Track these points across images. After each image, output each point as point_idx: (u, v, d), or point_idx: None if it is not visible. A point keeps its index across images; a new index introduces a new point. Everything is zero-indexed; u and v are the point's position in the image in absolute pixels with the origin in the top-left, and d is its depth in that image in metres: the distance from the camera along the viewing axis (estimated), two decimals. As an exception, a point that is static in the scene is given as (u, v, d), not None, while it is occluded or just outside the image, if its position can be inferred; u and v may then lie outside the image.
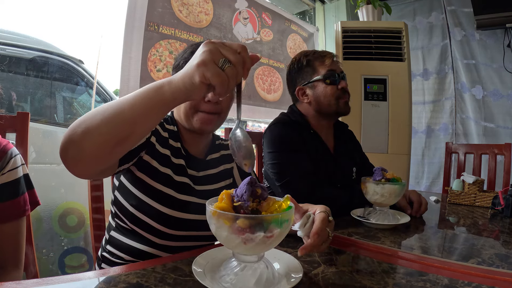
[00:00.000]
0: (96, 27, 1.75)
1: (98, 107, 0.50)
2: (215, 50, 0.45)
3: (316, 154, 1.09)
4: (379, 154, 1.97)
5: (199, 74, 0.44)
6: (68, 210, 1.52)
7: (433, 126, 2.81)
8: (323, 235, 0.54)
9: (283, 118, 1.15)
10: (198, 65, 0.44)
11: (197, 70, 0.44)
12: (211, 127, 0.76)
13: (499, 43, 2.51)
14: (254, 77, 2.21)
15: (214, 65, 0.44)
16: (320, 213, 0.57)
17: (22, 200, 0.70)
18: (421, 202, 0.96)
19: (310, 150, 1.08)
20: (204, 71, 0.44)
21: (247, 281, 0.44)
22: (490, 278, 0.52)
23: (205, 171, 0.81)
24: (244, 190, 0.43)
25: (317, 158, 1.08)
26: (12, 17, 1.54)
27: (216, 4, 1.94)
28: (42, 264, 1.43)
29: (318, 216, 0.57)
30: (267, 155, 1.08)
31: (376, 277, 0.52)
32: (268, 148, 1.07)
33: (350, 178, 1.17)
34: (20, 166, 0.71)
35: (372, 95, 2.03)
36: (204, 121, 0.74)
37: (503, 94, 2.53)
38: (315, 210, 0.59)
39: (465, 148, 1.89)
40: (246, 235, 0.41)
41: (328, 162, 1.11)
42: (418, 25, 2.86)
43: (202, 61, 0.44)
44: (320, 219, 0.55)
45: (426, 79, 2.84)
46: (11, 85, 1.48)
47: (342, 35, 2.09)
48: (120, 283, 0.45)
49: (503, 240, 0.80)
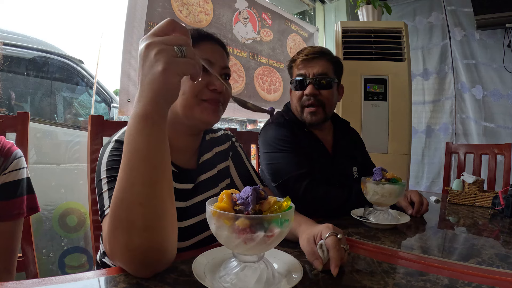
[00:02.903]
0: (96, 27, 1.75)
1: (112, 212, 0.45)
2: (164, 46, 0.43)
3: (312, 154, 1.08)
4: (379, 154, 1.97)
5: (172, 77, 0.43)
6: (68, 210, 1.52)
7: (433, 126, 2.81)
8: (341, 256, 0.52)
9: (278, 118, 1.14)
10: (164, 70, 0.42)
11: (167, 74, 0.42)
12: (217, 117, 0.70)
13: (499, 43, 2.50)
14: (254, 77, 2.21)
15: (177, 59, 0.43)
16: (330, 238, 0.53)
17: (19, 202, 0.69)
18: (422, 202, 0.96)
19: (305, 150, 1.06)
20: (175, 70, 0.43)
21: (247, 281, 0.44)
22: (490, 278, 0.52)
23: (199, 178, 0.74)
24: (249, 193, 0.43)
25: (313, 157, 1.07)
26: (12, 17, 1.54)
27: (216, 4, 1.94)
28: (42, 264, 1.43)
29: (329, 243, 0.52)
30: (263, 156, 1.07)
31: (376, 277, 0.52)
32: (264, 149, 1.07)
33: (350, 177, 1.15)
34: (23, 168, 0.71)
35: (372, 95, 2.03)
36: (209, 111, 0.67)
37: (503, 94, 2.53)
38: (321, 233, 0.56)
39: (465, 148, 1.89)
40: (247, 235, 0.41)
41: (325, 161, 1.10)
42: (418, 25, 2.86)
43: (165, 64, 0.42)
44: (333, 246, 0.52)
45: (426, 79, 2.84)
46: (11, 85, 1.48)
47: (342, 35, 2.09)
48: (120, 283, 0.45)
49: (503, 240, 0.80)
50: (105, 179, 0.56)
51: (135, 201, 0.43)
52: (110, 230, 0.45)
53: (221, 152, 0.83)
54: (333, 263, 0.50)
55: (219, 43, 0.73)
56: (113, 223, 0.45)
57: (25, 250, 0.85)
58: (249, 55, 2.17)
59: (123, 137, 0.46)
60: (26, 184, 0.72)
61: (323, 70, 1.06)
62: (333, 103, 1.11)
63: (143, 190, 0.44)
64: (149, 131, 0.44)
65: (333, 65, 1.10)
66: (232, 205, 0.44)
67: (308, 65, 1.08)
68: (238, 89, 2.07)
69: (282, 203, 0.45)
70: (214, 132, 0.86)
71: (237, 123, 3.12)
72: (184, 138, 0.73)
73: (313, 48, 1.10)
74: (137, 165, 0.44)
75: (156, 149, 0.45)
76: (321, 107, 1.07)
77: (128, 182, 0.44)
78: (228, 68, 0.73)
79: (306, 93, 1.06)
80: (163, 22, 0.45)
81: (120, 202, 0.44)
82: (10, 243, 0.69)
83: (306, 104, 1.08)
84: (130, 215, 0.44)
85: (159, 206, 0.45)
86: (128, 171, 0.44)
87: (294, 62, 1.12)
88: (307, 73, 1.07)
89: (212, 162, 0.79)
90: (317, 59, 1.07)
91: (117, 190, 0.45)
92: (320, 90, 1.07)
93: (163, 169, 0.46)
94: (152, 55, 0.43)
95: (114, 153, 0.59)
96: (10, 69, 1.46)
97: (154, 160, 0.45)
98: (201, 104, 0.67)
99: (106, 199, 0.54)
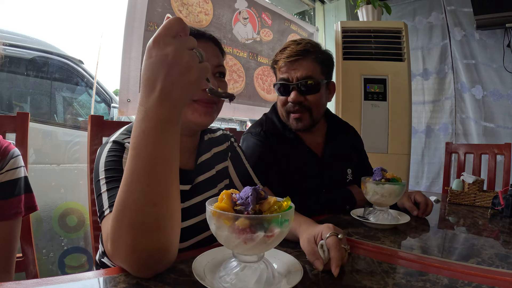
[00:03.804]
0: (96, 27, 1.75)
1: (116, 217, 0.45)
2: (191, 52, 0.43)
3: (297, 161, 1.02)
4: (379, 154, 1.97)
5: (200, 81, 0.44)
6: (68, 210, 1.52)
7: (433, 126, 2.81)
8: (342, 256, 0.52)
9: (256, 128, 1.06)
10: (198, 78, 0.43)
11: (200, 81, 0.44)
12: (210, 119, 0.68)
13: (499, 43, 2.50)
14: (254, 77, 2.21)
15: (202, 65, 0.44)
16: (331, 238, 0.53)
17: (16, 201, 0.69)
18: (427, 203, 0.95)
19: (288, 158, 1.01)
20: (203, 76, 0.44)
21: (247, 281, 0.44)
22: (490, 278, 0.52)
23: (198, 178, 0.74)
24: (249, 193, 0.43)
25: (299, 164, 1.02)
26: (12, 17, 1.54)
27: (216, 4, 1.94)
28: (42, 264, 1.43)
29: (330, 243, 0.53)
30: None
31: (376, 277, 0.52)
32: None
33: (343, 181, 1.09)
34: (20, 167, 0.71)
35: (372, 95, 2.03)
36: (203, 112, 0.65)
37: (503, 94, 2.53)
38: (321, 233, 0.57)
39: (465, 148, 1.89)
40: (247, 235, 0.41)
41: (313, 166, 1.04)
42: (418, 25, 2.86)
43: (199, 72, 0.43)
44: (334, 246, 0.52)
45: (426, 79, 2.84)
46: (11, 85, 1.48)
47: (342, 35, 2.09)
48: (120, 283, 0.45)
49: (503, 240, 0.80)
50: (104, 180, 0.56)
51: (149, 202, 0.43)
52: (115, 231, 0.45)
53: (219, 152, 0.82)
54: (334, 263, 0.50)
55: (213, 40, 0.71)
56: (119, 224, 0.44)
57: (25, 250, 0.85)
58: (249, 55, 2.17)
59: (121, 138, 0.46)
60: (24, 183, 0.71)
61: (307, 73, 0.96)
62: (321, 106, 1.03)
63: (159, 190, 0.44)
64: (173, 135, 0.45)
65: (320, 64, 0.99)
66: (232, 205, 0.44)
67: (291, 67, 0.97)
68: (238, 89, 2.07)
69: (282, 203, 0.45)
70: (212, 132, 0.85)
71: (237, 123, 3.12)
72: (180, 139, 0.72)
73: (297, 46, 0.97)
74: (154, 167, 0.44)
75: (175, 152, 0.46)
76: (307, 112, 0.99)
77: (143, 183, 0.43)
78: (223, 67, 0.71)
79: (290, 100, 0.98)
80: (174, 21, 0.43)
81: (132, 203, 0.43)
82: (8, 242, 0.69)
83: (291, 110, 1.00)
84: (142, 216, 0.43)
85: (171, 206, 0.46)
86: (143, 173, 0.43)
87: (276, 64, 1.02)
88: (290, 77, 0.97)
89: (210, 163, 0.78)
90: (300, 61, 0.96)
91: (128, 191, 0.44)
92: (306, 95, 0.98)
93: (176, 171, 0.47)
94: (184, 61, 0.42)
95: (112, 154, 0.59)
96: (10, 69, 1.46)
97: (172, 162, 0.45)
98: (192, 105, 0.65)
99: (105, 200, 0.54)
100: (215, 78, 0.68)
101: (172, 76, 0.42)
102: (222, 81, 0.70)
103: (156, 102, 0.42)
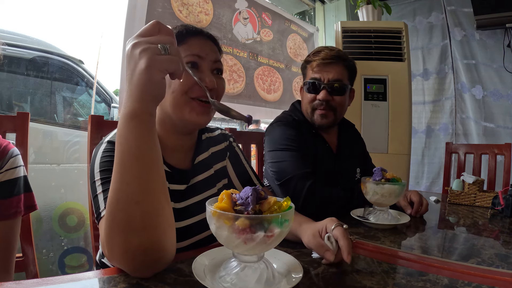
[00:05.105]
0: (96, 27, 1.75)
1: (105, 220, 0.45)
2: (148, 44, 0.44)
3: (317, 154, 1.08)
4: (379, 154, 1.97)
5: (156, 73, 0.44)
6: (68, 210, 1.52)
7: (433, 126, 2.81)
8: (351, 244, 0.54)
9: (285, 117, 1.14)
10: (147, 67, 0.43)
11: (151, 71, 0.44)
12: (207, 118, 0.67)
13: (499, 43, 2.51)
14: (254, 77, 2.21)
15: (160, 57, 0.45)
16: (337, 228, 0.55)
17: (15, 201, 0.69)
18: (421, 203, 0.96)
19: (311, 150, 1.07)
20: (158, 67, 0.44)
21: (247, 281, 0.44)
22: (490, 278, 0.52)
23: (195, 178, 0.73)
24: (249, 193, 0.43)
25: (318, 158, 1.07)
26: (12, 17, 1.54)
27: (216, 4, 1.94)
28: (42, 264, 1.43)
29: (337, 233, 0.54)
30: (268, 154, 1.07)
31: (376, 277, 0.52)
32: (269, 147, 1.07)
33: (353, 179, 1.15)
34: (20, 167, 0.71)
35: (372, 95, 2.03)
36: (200, 112, 0.64)
37: (503, 94, 2.53)
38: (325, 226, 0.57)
39: (465, 148, 1.89)
40: (247, 235, 0.41)
41: (329, 162, 1.10)
42: (418, 25, 2.86)
43: (148, 60, 0.43)
44: (342, 236, 0.54)
45: (426, 79, 2.84)
46: (11, 85, 1.48)
47: (342, 35, 2.09)
48: (120, 283, 0.45)
49: (503, 240, 0.80)
50: (99, 181, 0.56)
51: (131, 200, 0.44)
52: (107, 232, 0.45)
53: (217, 152, 0.81)
54: (345, 251, 0.52)
55: (210, 38, 0.71)
56: (110, 224, 0.45)
57: (25, 250, 0.85)
58: (249, 55, 2.17)
59: (115, 138, 0.47)
60: (23, 182, 0.71)
61: (338, 76, 1.06)
62: (344, 108, 1.12)
63: (138, 188, 0.44)
64: (138, 130, 0.45)
65: (348, 70, 1.09)
66: (232, 205, 0.44)
67: (324, 69, 1.06)
68: (238, 89, 2.07)
69: (282, 203, 0.45)
70: (210, 132, 0.84)
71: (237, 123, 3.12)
72: (176, 137, 0.71)
73: (331, 52, 1.08)
74: (129, 164, 0.44)
75: (147, 148, 0.45)
76: (332, 111, 1.08)
77: (123, 182, 0.44)
78: (220, 62, 0.70)
79: (319, 98, 1.06)
80: (148, 24, 0.47)
81: (116, 203, 0.44)
82: (8, 242, 0.69)
83: (318, 107, 1.08)
84: (126, 215, 0.44)
85: (155, 203, 0.46)
86: (122, 171, 0.44)
87: (309, 64, 1.11)
88: (322, 78, 1.06)
89: (208, 162, 0.77)
90: (333, 64, 1.06)
91: (112, 191, 0.45)
92: (333, 96, 1.06)
93: (156, 166, 0.47)
94: (137, 53, 0.44)
95: (106, 154, 0.59)
96: (10, 69, 1.46)
97: (146, 158, 0.45)
98: (190, 103, 0.64)
99: (101, 201, 0.54)
100: (213, 75, 0.67)
101: (129, 69, 0.45)
102: (219, 78, 0.69)
103: (125, 98, 0.46)
